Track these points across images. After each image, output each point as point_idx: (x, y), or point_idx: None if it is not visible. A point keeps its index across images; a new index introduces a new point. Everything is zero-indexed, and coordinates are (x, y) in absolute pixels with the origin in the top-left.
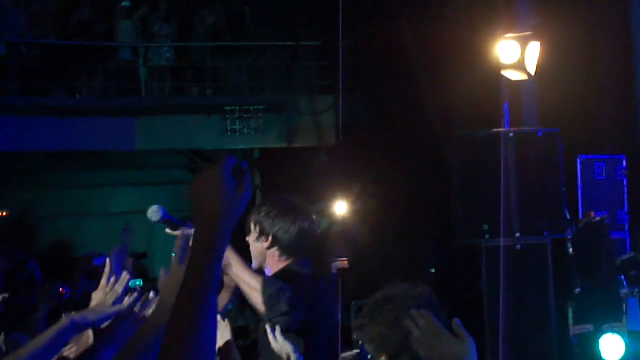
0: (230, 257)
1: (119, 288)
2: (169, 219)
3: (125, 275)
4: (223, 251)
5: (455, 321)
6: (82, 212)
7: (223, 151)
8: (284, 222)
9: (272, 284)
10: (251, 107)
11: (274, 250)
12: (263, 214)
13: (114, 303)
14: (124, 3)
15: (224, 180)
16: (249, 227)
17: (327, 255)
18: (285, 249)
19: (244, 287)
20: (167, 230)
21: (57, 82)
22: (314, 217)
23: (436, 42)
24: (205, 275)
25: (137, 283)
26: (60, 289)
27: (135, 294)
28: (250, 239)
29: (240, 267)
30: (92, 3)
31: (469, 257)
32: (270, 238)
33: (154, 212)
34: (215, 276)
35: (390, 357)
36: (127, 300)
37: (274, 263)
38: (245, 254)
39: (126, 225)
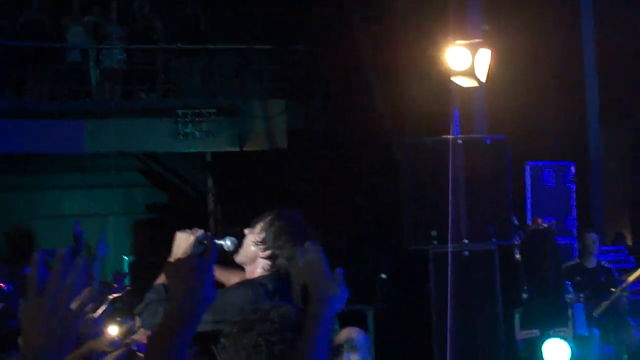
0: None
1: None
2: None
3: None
4: (194, 327)
5: (338, 270)
6: (33, 215)
7: (175, 154)
8: (290, 250)
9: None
10: (204, 111)
11: (265, 263)
12: (275, 229)
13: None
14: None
15: (199, 266)
16: (256, 228)
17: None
18: (275, 269)
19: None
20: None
21: (6, 84)
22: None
23: (388, 48)
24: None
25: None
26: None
27: None
28: (250, 236)
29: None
30: (42, 3)
31: (418, 263)
32: (269, 253)
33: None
34: (187, 340)
35: None
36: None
37: (257, 272)
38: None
39: (77, 224)
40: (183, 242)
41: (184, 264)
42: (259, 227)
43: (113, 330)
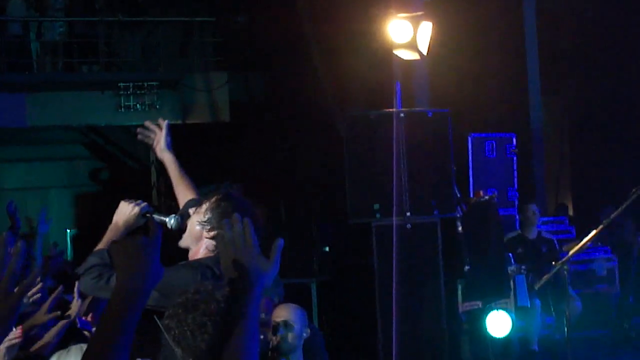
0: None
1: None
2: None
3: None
4: (142, 306)
5: (277, 242)
6: None
7: (117, 127)
8: None
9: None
10: (145, 84)
11: (210, 243)
12: (221, 210)
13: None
14: None
15: (146, 245)
16: (200, 207)
17: None
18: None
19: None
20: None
21: None
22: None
23: (329, 21)
24: (125, 318)
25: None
26: None
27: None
28: (195, 216)
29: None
30: None
31: (361, 236)
32: (214, 233)
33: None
34: (135, 318)
35: None
36: None
37: (201, 252)
38: None
39: (10, 203)
40: (126, 211)
41: (130, 242)
42: (204, 206)
43: None
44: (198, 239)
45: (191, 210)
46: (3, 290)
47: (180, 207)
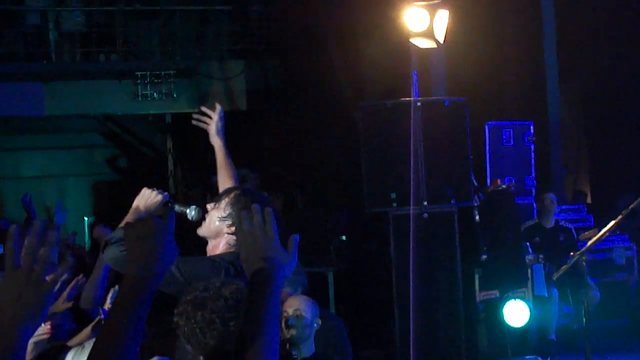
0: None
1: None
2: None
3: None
4: (153, 290)
5: (293, 237)
6: None
7: (134, 116)
8: None
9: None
10: (162, 72)
11: (231, 238)
12: (241, 205)
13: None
14: None
15: (166, 230)
16: (220, 202)
17: None
18: None
19: None
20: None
21: None
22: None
23: (346, 9)
24: (134, 312)
25: None
26: None
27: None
28: (214, 211)
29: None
30: None
31: (378, 225)
32: (235, 228)
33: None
34: (144, 310)
35: (207, 358)
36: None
37: (221, 247)
38: None
39: (25, 195)
40: (148, 197)
41: (143, 224)
42: (224, 202)
43: None
44: (218, 234)
45: (209, 206)
46: (36, 279)
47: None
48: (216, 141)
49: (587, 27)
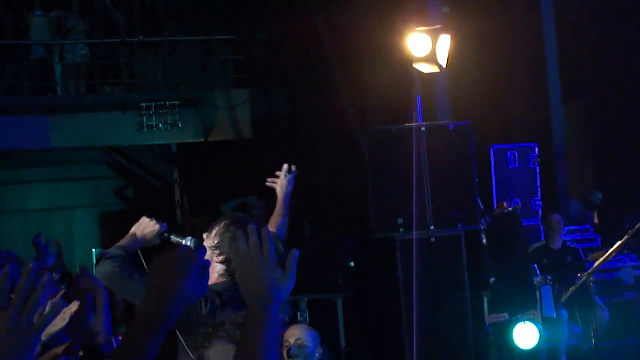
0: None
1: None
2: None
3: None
4: (167, 328)
5: (292, 252)
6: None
7: (140, 147)
8: None
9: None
10: (167, 103)
11: (220, 267)
12: (231, 234)
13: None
14: (37, 12)
15: (191, 265)
16: (210, 233)
17: None
18: (230, 273)
19: None
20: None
21: None
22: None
23: (349, 35)
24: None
25: None
26: None
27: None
28: (207, 241)
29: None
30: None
31: (384, 250)
32: (224, 257)
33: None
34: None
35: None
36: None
37: (213, 276)
38: None
39: (37, 236)
40: (146, 225)
41: (171, 259)
42: (214, 231)
43: None
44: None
45: (204, 235)
46: (24, 322)
47: None
48: (281, 195)
49: (590, 48)
